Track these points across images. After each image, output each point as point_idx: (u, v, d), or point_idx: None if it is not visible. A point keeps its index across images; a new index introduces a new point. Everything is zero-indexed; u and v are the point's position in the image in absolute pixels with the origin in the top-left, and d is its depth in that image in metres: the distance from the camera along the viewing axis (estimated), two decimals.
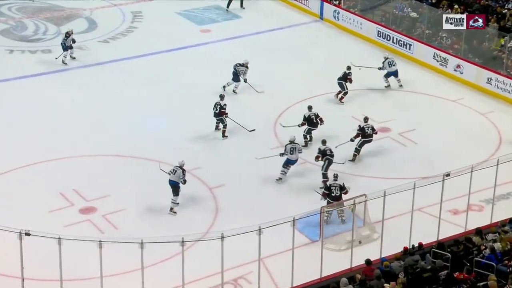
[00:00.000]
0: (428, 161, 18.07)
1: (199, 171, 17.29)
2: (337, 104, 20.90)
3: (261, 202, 16.38)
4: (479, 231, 14.03)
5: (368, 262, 13.37)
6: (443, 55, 22.92)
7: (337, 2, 26.58)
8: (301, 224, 15.07)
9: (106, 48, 24.13)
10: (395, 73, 21.74)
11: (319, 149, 16.97)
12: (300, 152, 17.15)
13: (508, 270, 12.64)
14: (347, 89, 20.71)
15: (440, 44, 23.36)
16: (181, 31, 25.66)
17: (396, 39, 24.33)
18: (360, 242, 14.86)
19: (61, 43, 22.65)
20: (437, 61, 23.09)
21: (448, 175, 14.33)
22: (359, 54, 24.26)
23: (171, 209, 15.99)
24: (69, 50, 22.59)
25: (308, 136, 18.60)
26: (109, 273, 12.92)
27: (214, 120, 19.03)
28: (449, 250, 13.41)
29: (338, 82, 20.72)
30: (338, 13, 26.28)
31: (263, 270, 13.59)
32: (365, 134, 17.87)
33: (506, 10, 22.86)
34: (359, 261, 13.82)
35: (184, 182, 15.95)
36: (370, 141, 18.06)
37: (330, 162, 16.88)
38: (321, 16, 26.92)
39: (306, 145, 18.42)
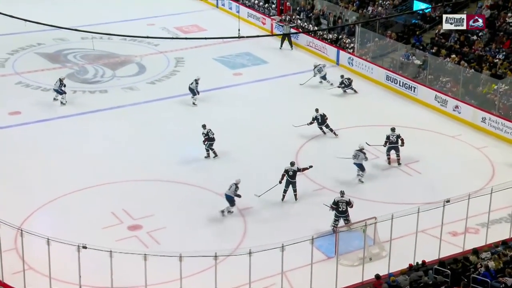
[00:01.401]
0: (431, 188, 17.88)
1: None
2: (352, 137, 20.76)
3: (285, 221, 16.31)
4: (475, 251, 13.80)
5: (377, 277, 13.22)
6: (443, 97, 22.79)
7: (351, 50, 26.66)
8: (319, 242, 14.97)
9: (153, 89, 24.41)
10: (324, 77, 24.09)
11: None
12: (365, 160, 18.01)
13: (501, 286, 12.39)
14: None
15: (441, 87, 23.26)
16: (217, 74, 25.87)
17: (403, 82, 24.27)
18: (370, 259, 14.70)
19: (56, 89, 22.23)
20: (438, 102, 22.95)
21: (448, 201, 14.20)
22: (370, 95, 24.30)
23: (223, 211, 16.38)
24: (63, 94, 22.29)
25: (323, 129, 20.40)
26: (153, 282, 12.94)
27: (246, 149, 19.04)
28: (449, 267, 13.22)
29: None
30: (352, 59, 26.34)
31: (285, 282, 13.48)
32: (390, 141, 18.91)
33: (497, 60, 22.77)
34: (369, 275, 13.66)
35: (239, 196, 16.31)
36: (396, 147, 18.93)
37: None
38: (337, 62, 26.99)
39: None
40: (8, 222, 13.47)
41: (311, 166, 17.73)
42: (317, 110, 20.58)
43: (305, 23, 29.24)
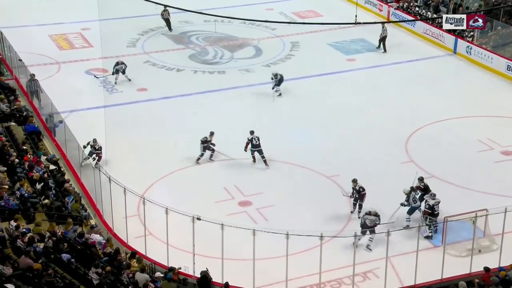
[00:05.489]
0: None
1: (338, 178, 17.11)
2: (466, 128, 19.82)
3: (392, 208, 15.89)
4: None
5: (486, 269, 12.60)
6: None
7: (470, 39, 25.27)
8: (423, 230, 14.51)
9: (268, 71, 24.52)
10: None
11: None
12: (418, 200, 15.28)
13: None
14: None
15: None
16: (331, 59, 25.57)
17: None
18: (479, 251, 14.01)
19: (116, 70, 22.70)
20: None
21: None
22: (489, 85, 22.99)
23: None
24: (116, 74, 22.71)
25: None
26: (260, 257, 13.13)
27: (355, 135, 18.71)
28: None
29: None
30: (471, 48, 24.97)
31: (389, 267, 13.19)
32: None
33: None
34: (477, 268, 13.03)
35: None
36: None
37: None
38: (454, 50, 25.72)
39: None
40: (133, 190, 14.20)
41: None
42: (251, 132, 17.90)
43: (423, 11, 28.08)
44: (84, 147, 17.26)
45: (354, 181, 15.52)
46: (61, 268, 12.59)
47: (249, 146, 17.85)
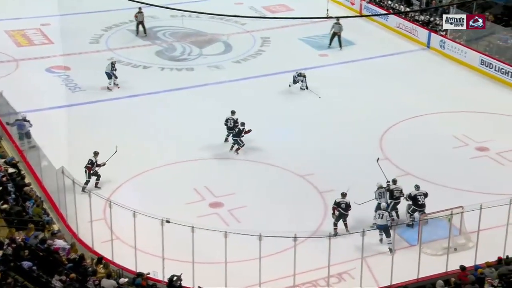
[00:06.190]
0: None
1: (312, 177, 17.29)
2: (441, 124, 20.23)
3: (368, 207, 16.10)
4: None
5: (462, 268, 12.86)
6: None
7: (444, 33, 25.75)
8: (401, 229, 14.75)
9: (238, 68, 24.68)
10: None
11: (335, 201, 15.13)
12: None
13: None
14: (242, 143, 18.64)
15: None
16: (302, 54, 25.77)
17: (499, 67, 23.21)
18: (455, 249, 14.29)
19: (107, 72, 22.03)
20: None
21: None
22: (462, 80, 23.46)
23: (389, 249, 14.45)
24: (113, 78, 22.14)
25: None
26: (232, 260, 13.16)
27: (329, 131, 18.91)
28: None
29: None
30: (444, 42, 25.46)
31: (365, 268, 13.38)
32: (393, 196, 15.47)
33: None
34: (454, 266, 13.31)
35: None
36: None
37: (341, 215, 15.03)
38: (428, 44, 26.18)
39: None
40: (98, 193, 14.10)
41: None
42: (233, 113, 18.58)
43: (396, 4, 28.49)
44: (92, 168, 16.54)
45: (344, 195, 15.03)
46: (22, 276, 12.40)
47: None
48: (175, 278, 12.64)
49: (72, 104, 21.42)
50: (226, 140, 18.88)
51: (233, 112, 18.76)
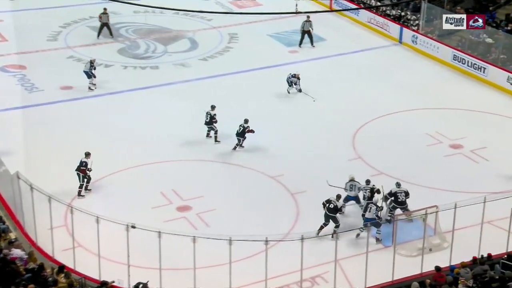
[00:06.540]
0: (499, 177, 17.31)
1: (282, 177, 17.23)
2: (414, 121, 20.38)
3: (348, 211, 16.08)
4: None
5: (437, 268, 12.94)
6: None
7: (416, 27, 25.99)
8: (375, 230, 14.79)
9: (205, 66, 24.50)
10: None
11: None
12: (360, 190, 15.71)
13: None
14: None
15: None
16: (272, 51, 25.72)
17: (471, 62, 23.51)
18: (430, 250, 14.38)
19: (86, 71, 21.79)
20: (511, 84, 22.13)
21: None
22: (435, 76, 23.71)
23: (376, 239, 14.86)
24: (92, 78, 21.85)
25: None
26: (201, 265, 13.04)
27: (300, 130, 18.90)
28: None
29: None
30: (416, 37, 25.69)
31: (339, 271, 13.36)
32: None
33: None
34: (429, 267, 13.37)
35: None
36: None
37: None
38: (400, 40, 26.39)
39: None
40: (59, 198, 13.80)
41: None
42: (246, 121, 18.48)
43: None
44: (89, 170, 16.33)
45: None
46: None
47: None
48: (141, 285, 12.46)
49: (29, 105, 20.99)
50: (207, 135, 19.00)
51: (212, 107, 18.83)
